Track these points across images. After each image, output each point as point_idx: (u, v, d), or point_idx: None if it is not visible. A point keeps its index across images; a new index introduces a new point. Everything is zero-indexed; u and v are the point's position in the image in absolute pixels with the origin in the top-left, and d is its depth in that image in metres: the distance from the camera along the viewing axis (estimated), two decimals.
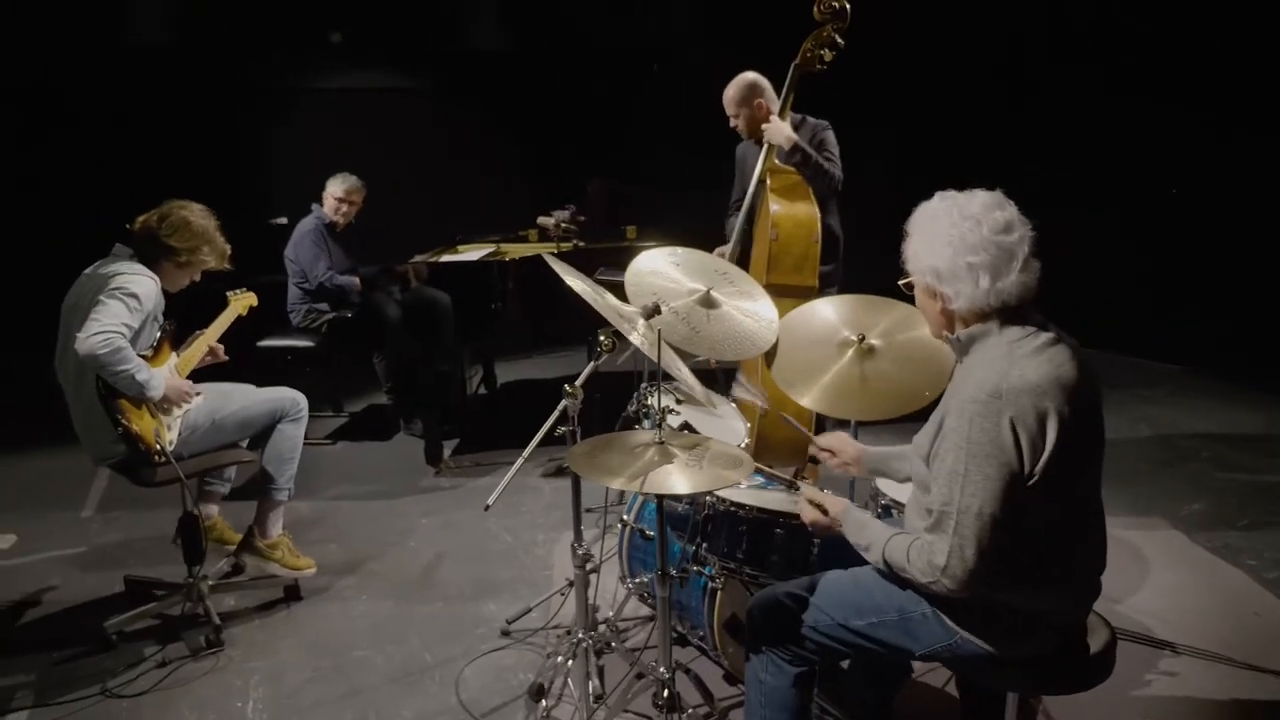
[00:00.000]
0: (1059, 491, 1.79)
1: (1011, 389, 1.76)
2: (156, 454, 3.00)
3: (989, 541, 1.74)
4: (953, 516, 1.76)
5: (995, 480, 1.74)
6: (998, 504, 1.74)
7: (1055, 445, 1.75)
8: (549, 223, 5.05)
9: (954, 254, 1.83)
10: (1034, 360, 1.80)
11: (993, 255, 1.81)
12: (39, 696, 2.90)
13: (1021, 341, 1.84)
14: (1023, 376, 1.77)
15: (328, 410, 5.71)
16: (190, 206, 3.18)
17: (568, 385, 2.28)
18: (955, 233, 1.83)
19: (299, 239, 5.05)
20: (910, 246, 1.93)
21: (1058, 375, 1.79)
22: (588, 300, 2.26)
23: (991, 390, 1.76)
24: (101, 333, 2.82)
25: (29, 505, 4.37)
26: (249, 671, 3.03)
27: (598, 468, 1.99)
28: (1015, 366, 1.79)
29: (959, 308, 1.88)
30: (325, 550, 3.87)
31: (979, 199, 1.87)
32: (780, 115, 3.98)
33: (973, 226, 1.82)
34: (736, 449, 2.14)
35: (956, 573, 1.75)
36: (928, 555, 1.79)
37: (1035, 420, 1.75)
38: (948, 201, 1.89)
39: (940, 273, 1.87)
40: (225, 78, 7.33)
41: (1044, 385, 1.77)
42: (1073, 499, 1.84)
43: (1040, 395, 1.76)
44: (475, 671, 2.98)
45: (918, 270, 1.93)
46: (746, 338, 2.83)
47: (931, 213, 1.90)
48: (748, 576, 2.33)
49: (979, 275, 1.82)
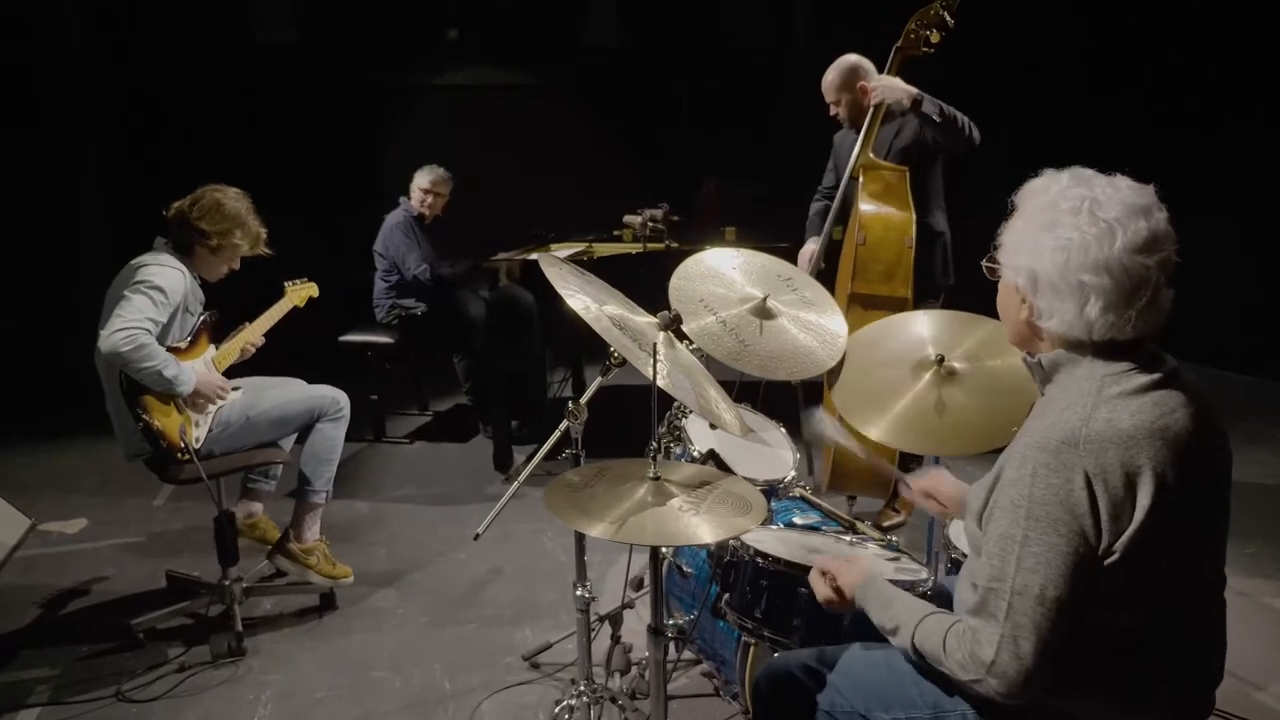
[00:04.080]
0: (1152, 575, 1.35)
1: (1094, 437, 1.33)
2: (180, 451, 2.88)
3: (1051, 633, 1.32)
4: (1005, 596, 1.34)
5: (1063, 553, 1.32)
6: (1065, 584, 1.32)
7: (1149, 515, 1.32)
8: (635, 221, 4.76)
9: (1066, 264, 1.38)
10: (1130, 403, 1.37)
11: (1118, 280, 1.36)
12: (55, 693, 2.83)
13: (1118, 378, 1.40)
14: (1110, 422, 1.35)
15: (413, 409, 5.61)
16: (224, 190, 3.07)
17: (571, 403, 1.98)
18: (1077, 237, 1.38)
19: (388, 232, 4.95)
20: (1012, 230, 1.47)
21: (1163, 425, 1.35)
22: (578, 312, 1.93)
23: (1066, 436, 1.34)
24: (124, 329, 2.72)
25: (109, 491, 4.42)
26: (263, 685, 2.87)
27: (575, 507, 1.68)
28: (1103, 409, 1.37)
29: (1050, 327, 1.45)
30: (373, 555, 3.72)
31: (1123, 196, 1.39)
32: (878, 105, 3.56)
33: (1103, 235, 1.37)
34: (751, 490, 1.78)
35: (1008, 671, 1.33)
36: (970, 645, 1.38)
37: (1121, 479, 1.32)
38: (1080, 188, 1.42)
39: (1039, 280, 1.42)
40: (344, 75, 7.41)
41: (1139, 436, 1.34)
42: (1175, 585, 1.39)
43: (1131, 448, 1.33)
44: (492, 708, 2.72)
45: (1011, 265, 1.47)
46: (803, 355, 2.45)
47: (1053, 198, 1.42)
48: (766, 639, 1.96)
49: (1090, 299, 1.38)
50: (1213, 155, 5.87)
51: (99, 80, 6.44)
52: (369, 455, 4.94)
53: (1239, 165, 5.82)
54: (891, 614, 1.54)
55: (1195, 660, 1.46)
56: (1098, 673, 1.40)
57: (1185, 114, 6.02)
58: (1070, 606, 1.33)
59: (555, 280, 1.93)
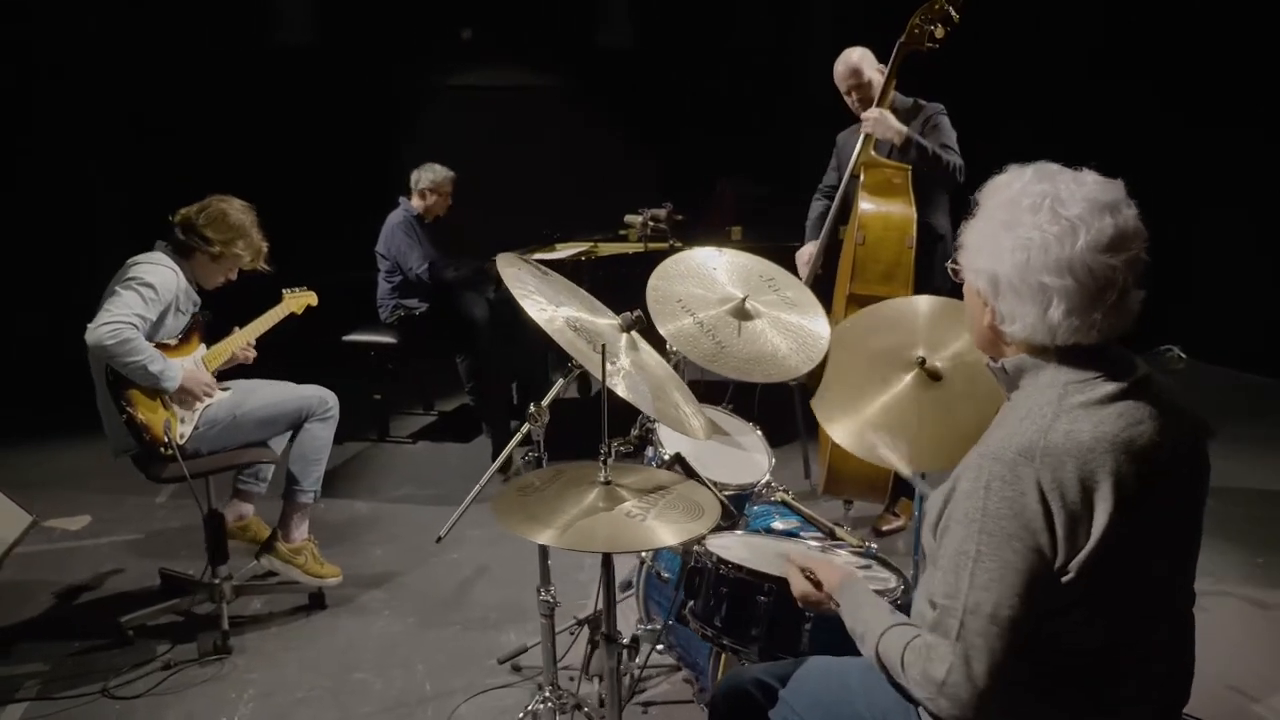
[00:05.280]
0: (1112, 593, 1.29)
1: (1051, 449, 1.27)
2: (164, 446, 2.89)
3: (1004, 653, 1.26)
4: (957, 615, 1.28)
5: (1017, 569, 1.26)
6: (1019, 602, 1.26)
7: (1107, 531, 1.25)
8: (636, 221, 4.74)
9: (1026, 265, 1.31)
10: (1093, 414, 1.30)
11: (1082, 281, 1.29)
12: (43, 688, 2.86)
13: (1081, 386, 1.33)
14: (1070, 434, 1.28)
15: (418, 408, 5.62)
16: (231, 200, 3.11)
17: (533, 405, 1.96)
18: (1037, 236, 1.30)
19: (389, 232, 4.96)
20: (972, 230, 1.40)
21: (1127, 438, 1.28)
22: (531, 315, 1.89)
23: (1023, 448, 1.28)
24: (110, 323, 2.75)
25: (114, 489, 4.45)
26: (246, 684, 2.88)
27: (523, 511, 1.65)
28: (1063, 419, 1.30)
29: (1012, 332, 1.38)
30: (368, 556, 3.72)
31: (1088, 191, 1.31)
32: (880, 101, 3.50)
33: (1065, 234, 1.29)
34: (706, 495, 1.75)
35: (959, 693, 1.27)
36: (924, 663, 1.32)
37: (1079, 494, 1.25)
38: (1042, 183, 1.34)
39: (999, 283, 1.35)
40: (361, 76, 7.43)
41: (1099, 448, 1.27)
42: (1138, 604, 1.33)
43: (1091, 461, 1.26)
44: (470, 711, 2.70)
45: (972, 267, 1.40)
46: (780, 358, 2.41)
47: (1014, 195, 1.35)
48: (726, 648, 1.92)
49: (1052, 302, 1.30)
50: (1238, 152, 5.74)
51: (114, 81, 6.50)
52: (372, 455, 4.96)
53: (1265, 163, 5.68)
54: (862, 618, 1.48)
55: (1161, 680, 1.40)
56: (1056, 691, 1.34)
57: (1208, 111, 5.89)
58: (1025, 625, 1.27)
59: (510, 282, 1.91)
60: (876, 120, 3.42)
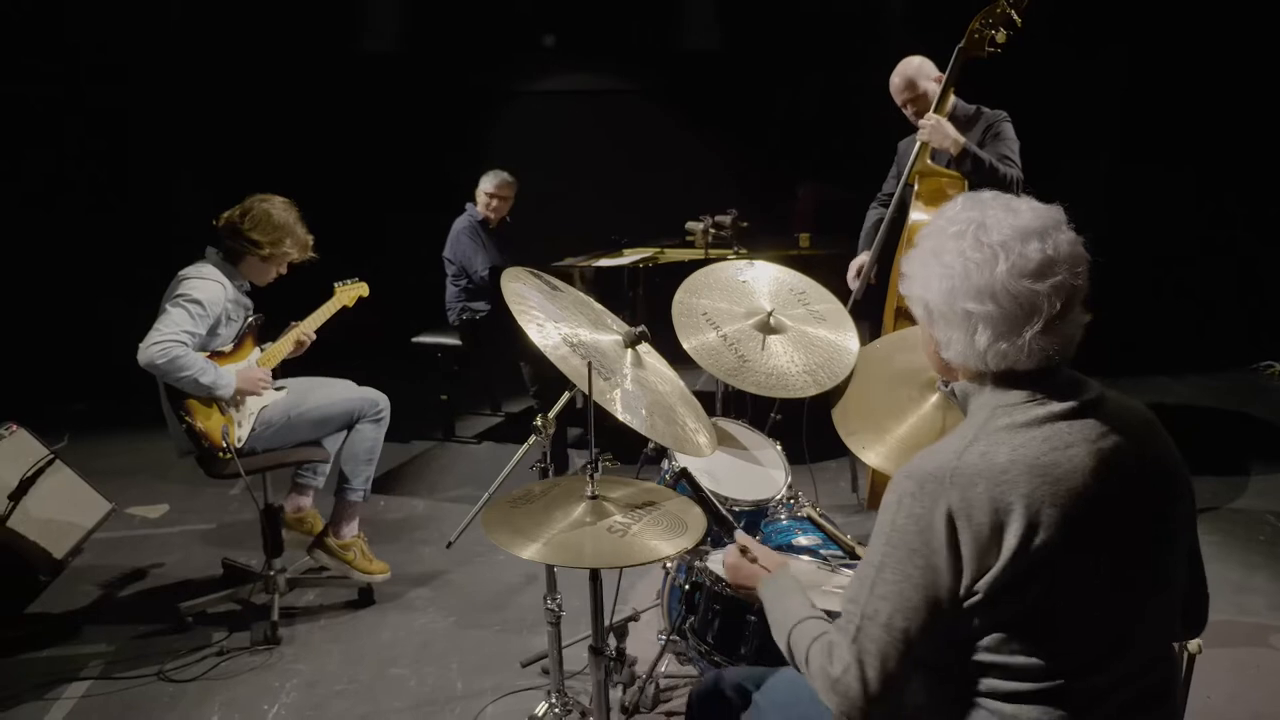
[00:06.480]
0: (1043, 621, 1.26)
1: (964, 470, 1.26)
2: (222, 451, 3.04)
3: (896, 662, 1.26)
4: (856, 620, 1.30)
5: (916, 584, 1.26)
6: (914, 616, 1.26)
7: (1016, 556, 1.23)
8: (697, 228, 4.72)
9: (951, 292, 1.32)
10: (1015, 437, 1.28)
11: (1004, 307, 1.28)
12: (105, 669, 3.04)
13: (1010, 409, 1.32)
14: (985, 456, 1.27)
15: (485, 409, 5.74)
16: (272, 200, 3.21)
17: (539, 418, 1.99)
18: (959, 264, 1.30)
19: (455, 237, 5.09)
20: (908, 259, 1.41)
21: (1049, 461, 1.26)
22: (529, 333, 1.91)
23: (936, 468, 1.28)
24: (159, 342, 2.90)
25: (193, 479, 4.63)
26: (291, 673, 2.99)
27: (510, 525, 1.67)
28: (981, 441, 1.29)
29: (949, 358, 1.38)
30: (419, 554, 3.82)
31: (1016, 219, 1.30)
32: (938, 108, 3.42)
33: (985, 261, 1.29)
34: (696, 512, 1.74)
35: (849, 692, 1.28)
36: (823, 659, 1.33)
37: (989, 517, 1.24)
38: (971, 211, 1.34)
39: (931, 310, 1.37)
40: (444, 82, 7.62)
41: (1015, 471, 1.25)
42: (1082, 635, 1.29)
43: (1004, 484, 1.24)
44: (496, 712, 2.75)
45: (909, 295, 1.42)
46: (803, 373, 2.38)
47: (943, 224, 1.36)
48: (717, 664, 1.91)
49: (978, 328, 1.31)
50: None
51: (199, 87, 6.78)
52: (436, 454, 5.09)
53: None
54: (782, 605, 1.50)
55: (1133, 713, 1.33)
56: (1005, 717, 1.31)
57: None
58: (919, 638, 1.27)
59: (510, 298, 1.94)
60: (933, 128, 3.33)
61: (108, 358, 2.97)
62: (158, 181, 6.65)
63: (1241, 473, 4.44)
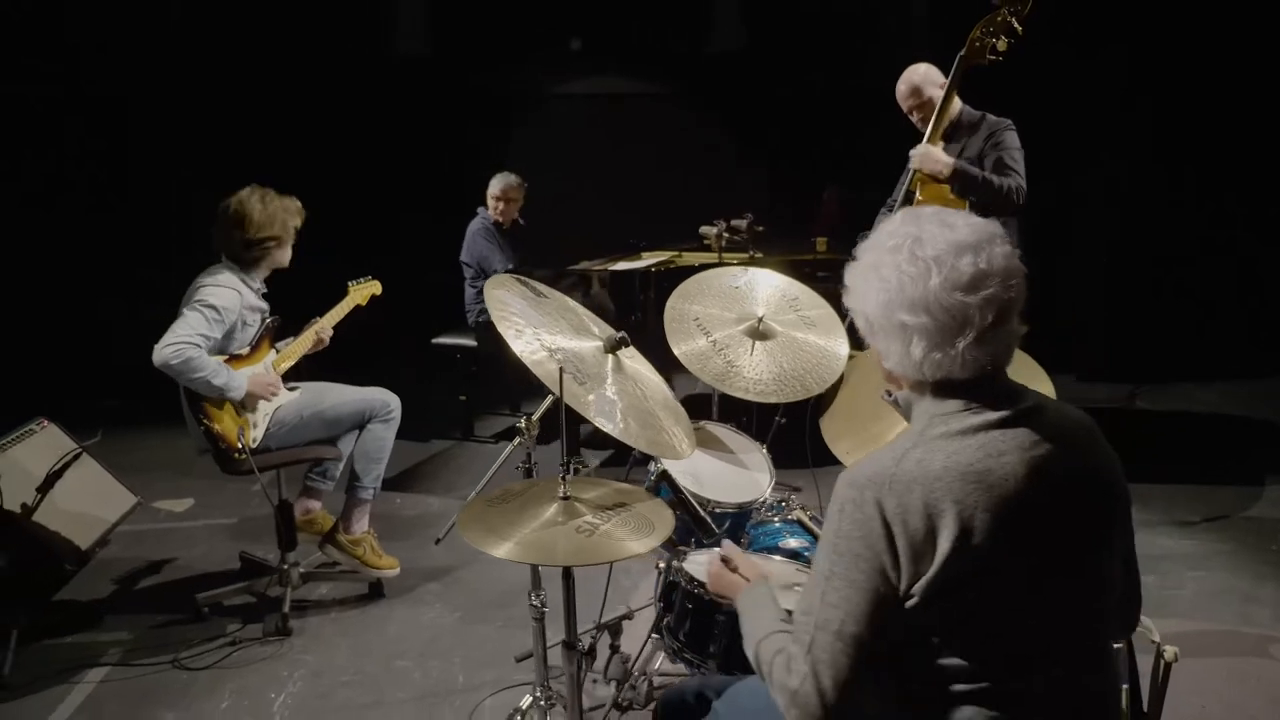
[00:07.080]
0: (975, 624, 1.30)
1: (901, 476, 1.30)
2: (237, 452, 3.15)
3: (850, 669, 1.29)
4: (809, 630, 1.33)
5: (863, 589, 1.30)
6: (865, 621, 1.30)
7: (949, 560, 1.27)
8: (710, 232, 4.75)
9: (887, 305, 1.37)
10: (950, 444, 1.33)
11: (937, 319, 1.33)
12: (124, 656, 3.16)
13: (946, 418, 1.36)
14: (921, 463, 1.31)
15: (504, 409, 5.82)
16: (240, 198, 3.25)
17: (523, 420, 2.05)
18: (894, 278, 1.35)
19: (470, 239, 5.20)
20: (850, 272, 1.46)
21: (982, 468, 1.30)
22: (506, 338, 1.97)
23: (874, 474, 1.32)
24: (174, 344, 3.01)
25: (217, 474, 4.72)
26: (299, 664, 3.09)
27: (484, 525, 1.74)
28: (919, 449, 1.33)
29: (889, 369, 1.44)
30: (430, 550, 3.89)
31: (952, 234, 1.35)
32: (939, 116, 3.44)
33: (919, 275, 1.33)
34: (665, 512, 1.79)
35: (808, 703, 1.31)
36: (783, 671, 1.36)
37: (923, 521, 1.28)
38: (909, 226, 1.39)
39: (871, 322, 1.42)
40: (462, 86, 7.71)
41: (948, 477, 1.29)
42: (1015, 638, 1.32)
43: (937, 489, 1.29)
44: (495, 705, 2.82)
45: (851, 308, 1.47)
46: (791, 378, 2.42)
47: (882, 238, 1.41)
48: (687, 662, 1.96)
49: (912, 339, 1.35)
50: None
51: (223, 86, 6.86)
52: (454, 453, 5.19)
53: None
54: (752, 616, 1.53)
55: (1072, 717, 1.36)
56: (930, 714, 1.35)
57: None
58: (870, 643, 1.30)
59: (491, 304, 2.00)
60: (923, 157, 3.40)
61: (142, 355, 3.07)
62: (158, 181, 6.66)
63: (1257, 482, 4.40)
